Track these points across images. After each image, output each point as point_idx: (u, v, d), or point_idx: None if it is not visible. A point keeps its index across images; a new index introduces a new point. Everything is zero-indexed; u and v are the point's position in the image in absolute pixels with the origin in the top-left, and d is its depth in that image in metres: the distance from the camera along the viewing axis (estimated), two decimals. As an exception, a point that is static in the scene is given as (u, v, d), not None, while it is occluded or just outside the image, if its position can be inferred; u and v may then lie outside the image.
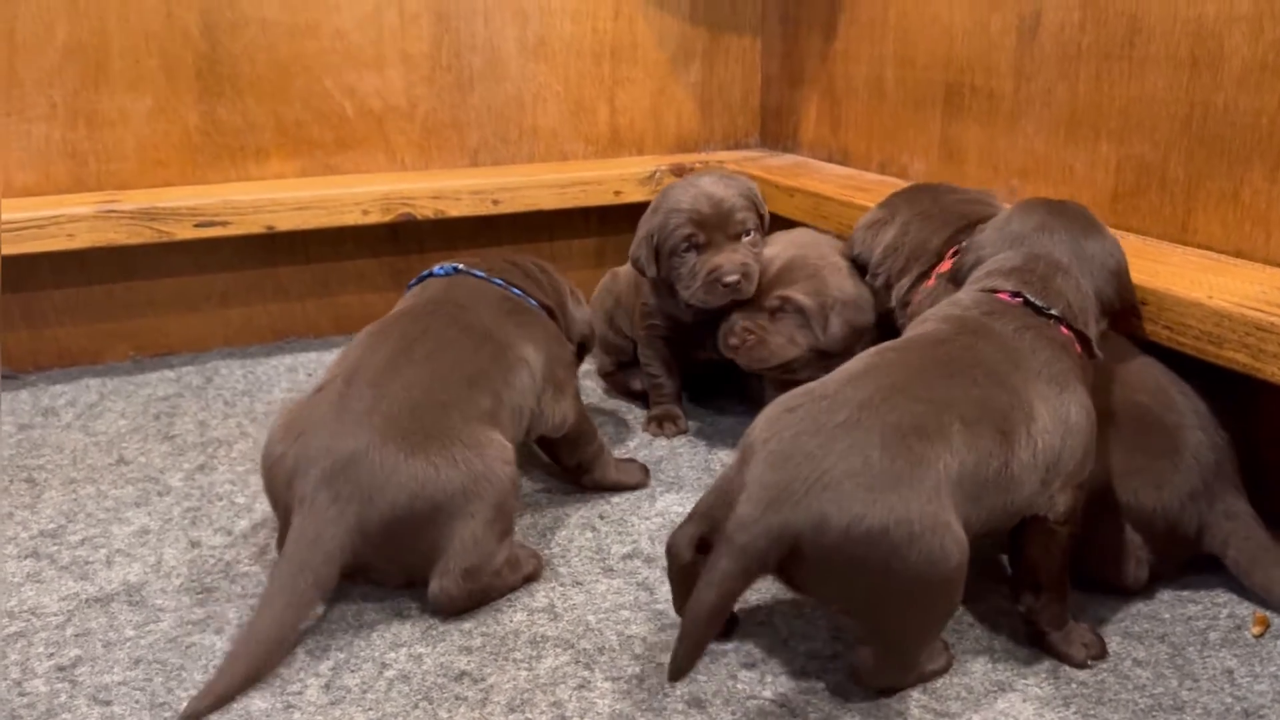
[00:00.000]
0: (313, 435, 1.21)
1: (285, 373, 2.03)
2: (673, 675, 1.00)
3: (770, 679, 1.11)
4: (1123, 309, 1.31)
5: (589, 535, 1.42)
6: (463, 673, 1.13)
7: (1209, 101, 1.45)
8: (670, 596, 1.19)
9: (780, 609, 1.24)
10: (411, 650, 1.17)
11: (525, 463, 1.54)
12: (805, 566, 0.99)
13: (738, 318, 1.60)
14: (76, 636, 1.20)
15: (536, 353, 1.40)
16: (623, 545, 1.39)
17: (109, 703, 1.08)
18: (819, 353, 1.57)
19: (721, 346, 1.61)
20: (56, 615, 1.24)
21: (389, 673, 1.13)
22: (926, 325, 1.18)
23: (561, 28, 2.26)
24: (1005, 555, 1.27)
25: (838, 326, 1.56)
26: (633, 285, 1.81)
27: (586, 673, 1.13)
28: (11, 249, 1.81)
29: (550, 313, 1.52)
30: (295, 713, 1.06)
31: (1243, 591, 1.25)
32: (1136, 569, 1.23)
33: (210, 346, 2.16)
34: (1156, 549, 1.24)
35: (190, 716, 1.05)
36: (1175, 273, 1.39)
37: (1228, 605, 1.24)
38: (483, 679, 1.12)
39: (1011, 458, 1.04)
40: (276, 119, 2.10)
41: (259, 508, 1.49)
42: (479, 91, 2.23)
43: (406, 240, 2.24)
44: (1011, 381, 1.08)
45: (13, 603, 1.27)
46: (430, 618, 1.23)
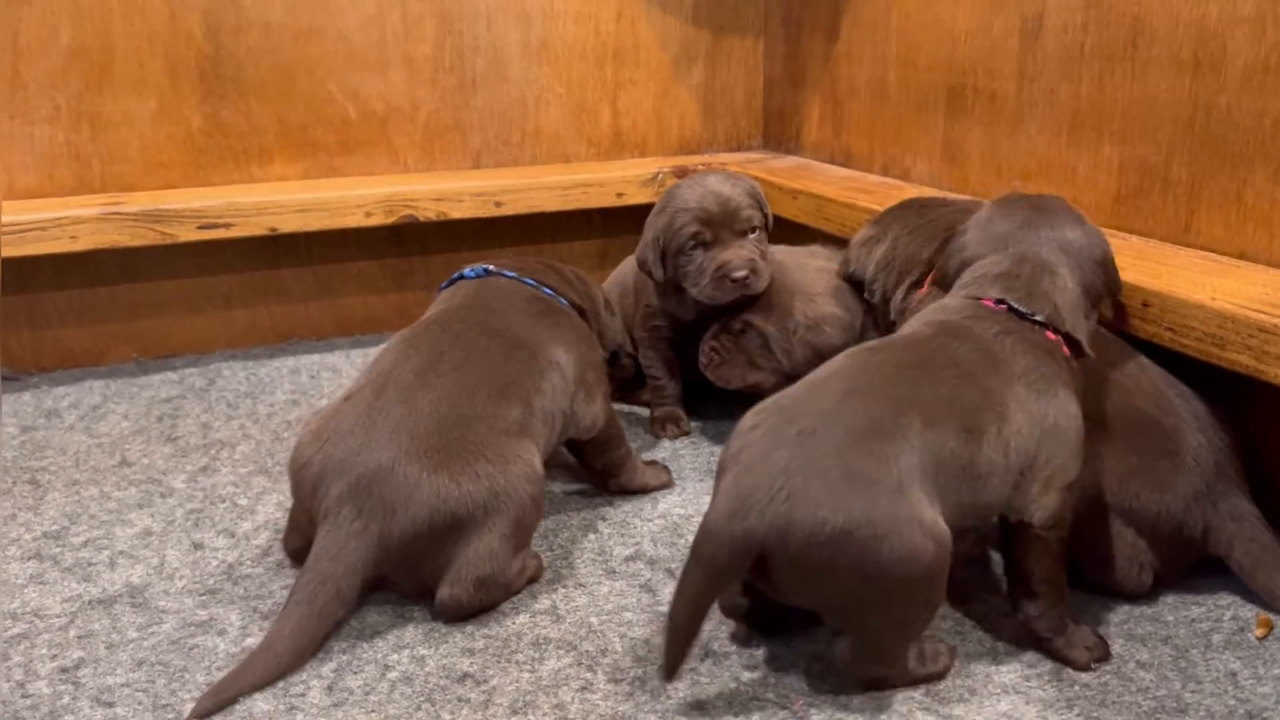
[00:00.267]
0: (340, 446, 1.21)
1: (288, 374, 2.03)
2: (663, 676, 1.06)
3: (773, 681, 1.11)
4: (1112, 299, 1.30)
5: (591, 537, 1.42)
6: (465, 674, 1.13)
7: (1212, 103, 1.45)
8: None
9: (783, 611, 1.24)
10: (414, 652, 1.17)
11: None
12: (775, 572, 1.01)
13: (709, 337, 1.65)
14: (79, 638, 1.20)
15: (568, 354, 1.40)
16: (625, 547, 1.39)
17: (112, 704, 1.09)
18: (786, 375, 1.60)
19: (699, 362, 1.66)
20: (59, 617, 1.24)
21: (392, 674, 1.13)
22: (908, 327, 1.20)
23: (564, 30, 2.26)
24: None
25: (800, 351, 1.60)
26: (633, 290, 1.82)
27: (589, 675, 1.13)
28: (15, 251, 1.82)
29: (582, 314, 1.52)
30: (298, 714, 1.06)
31: (1246, 594, 1.25)
32: (1140, 574, 1.23)
33: (213, 348, 2.16)
34: (1161, 552, 1.23)
35: (199, 714, 1.05)
36: (1178, 274, 1.39)
37: (1231, 607, 1.24)
38: (485, 681, 1.12)
39: (978, 455, 1.05)
40: (280, 121, 2.10)
41: (261, 510, 1.49)
42: (482, 94, 2.23)
43: (409, 242, 2.24)
44: (985, 382, 1.09)
45: (15, 604, 1.27)
46: (433, 620, 1.23)
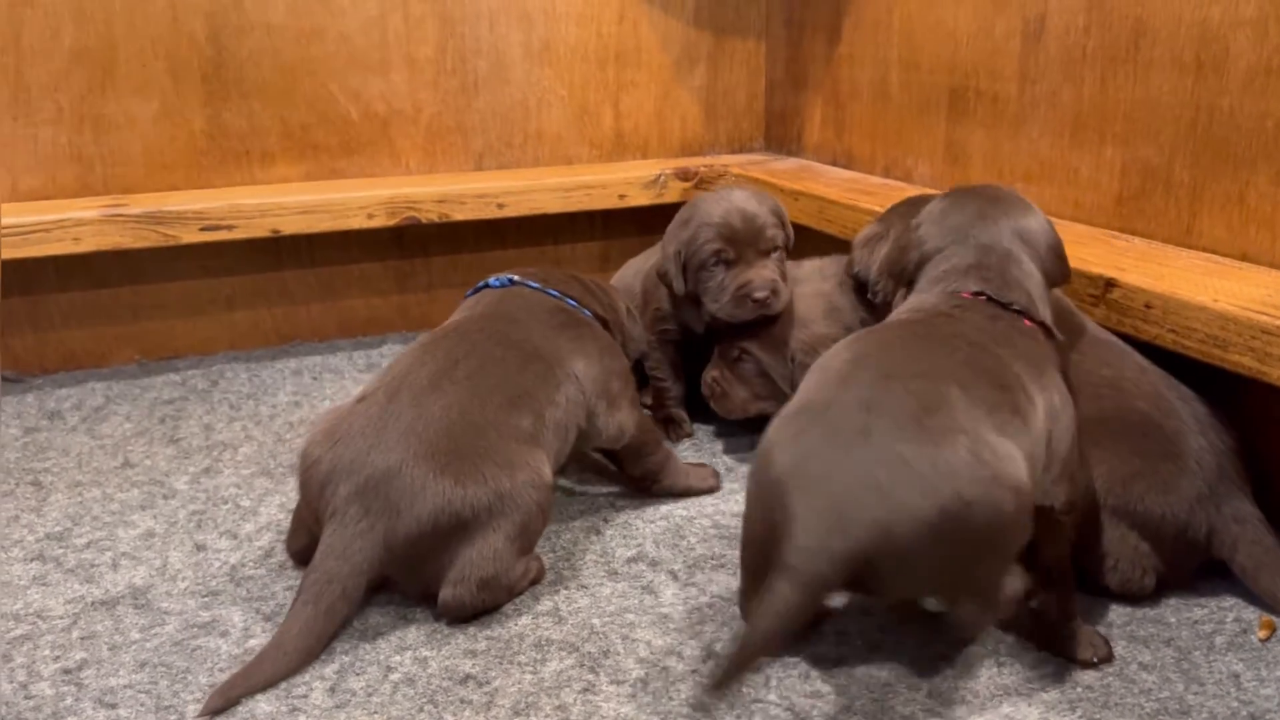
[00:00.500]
0: (350, 447, 1.22)
1: (290, 376, 2.04)
2: (711, 689, 0.99)
3: (775, 683, 1.11)
4: (1063, 283, 1.30)
5: (594, 539, 1.42)
6: (467, 676, 1.13)
7: (1214, 105, 1.45)
8: (674, 600, 1.18)
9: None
10: (417, 653, 1.17)
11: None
12: (881, 574, 0.98)
13: (710, 367, 1.65)
14: (82, 639, 1.20)
15: (588, 366, 1.40)
16: (628, 549, 1.39)
17: (115, 706, 1.09)
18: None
19: (701, 393, 1.66)
20: (62, 618, 1.24)
21: (394, 676, 1.13)
22: (899, 317, 1.20)
23: (566, 32, 2.26)
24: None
25: (801, 377, 1.58)
26: (639, 294, 1.81)
27: (591, 676, 1.13)
28: (18, 253, 1.82)
29: (605, 325, 1.53)
30: (301, 715, 1.06)
31: (1249, 596, 1.25)
32: (1143, 577, 1.22)
33: (216, 350, 2.16)
34: (1165, 555, 1.23)
35: (209, 711, 1.06)
36: (1180, 276, 1.39)
37: (1234, 609, 1.24)
38: (487, 682, 1.12)
39: (1018, 406, 1.05)
40: (282, 123, 2.11)
41: (264, 511, 1.49)
42: (484, 96, 2.24)
43: (411, 244, 2.24)
44: (996, 352, 1.09)
45: (18, 605, 1.27)
46: (435, 621, 1.23)
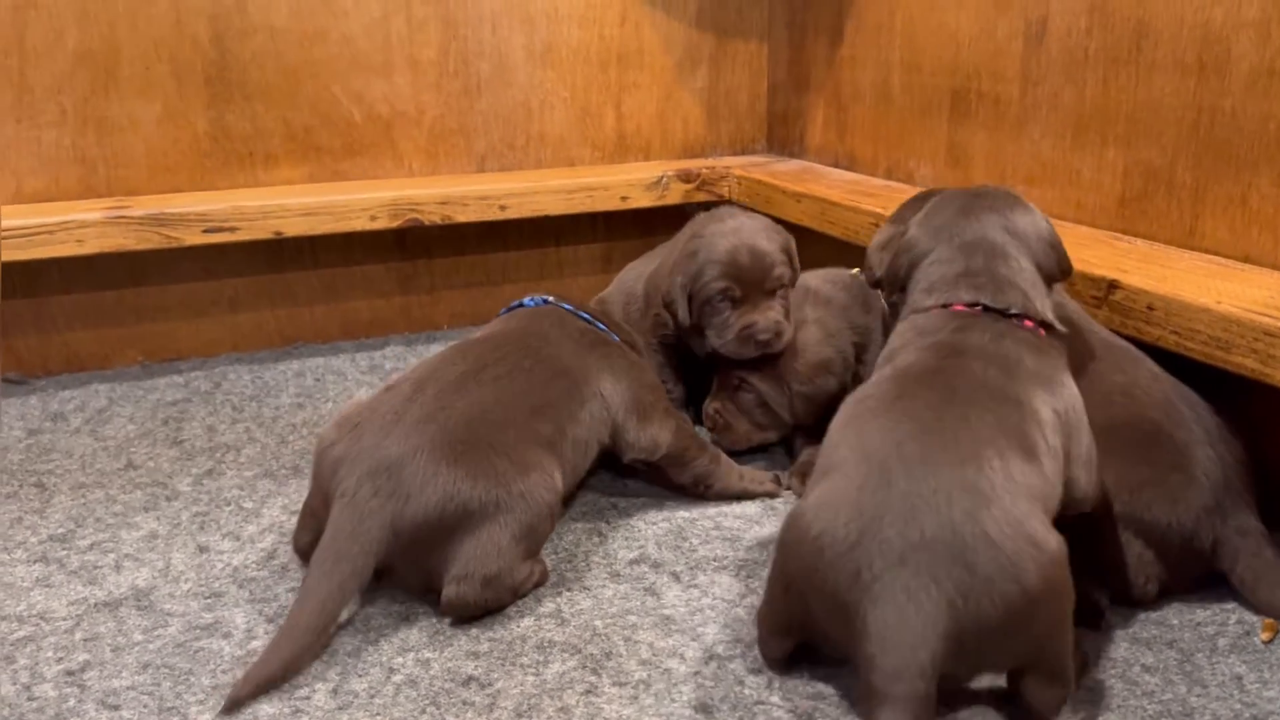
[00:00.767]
0: (367, 432, 1.24)
1: (293, 378, 2.04)
2: None
3: (777, 684, 1.11)
4: (1063, 279, 1.29)
5: (596, 540, 1.42)
6: (470, 678, 1.13)
7: (1216, 106, 1.45)
8: (676, 601, 1.18)
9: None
10: (419, 655, 1.17)
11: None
12: (969, 657, 0.96)
13: (710, 399, 1.65)
14: (85, 641, 1.20)
15: (616, 383, 1.42)
16: (630, 550, 1.39)
17: (117, 707, 1.09)
18: (792, 426, 1.62)
19: (704, 424, 1.67)
20: (65, 620, 1.25)
21: (396, 678, 1.13)
22: (909, 355, 1.16)
23: (568, 34, 2.27)
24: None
25: (800, 405, 1.59)
26: (641, 297, 1.81)
27: (593, 678, 1.13)
28: (21, 254, 1.82)
29: (633, 349, 1.55)
30: (303, 717, 1.07)
31: (1251, 599, 1.25)
32: (1146, 584, 1.22)
33: (218, 352, 2.16)
34: (1170, 565, 1.22)
35: (235, 703, 1.06)
36: (1183, 278, 1.39)
37: (1236, 611, 1.24)
38: (490, 684, 1.12)
39: (1042, 468, 1.04)
40: (285, 125, 2.11)
41: (267, 513, 1.50)
42: (486, 98, 2.24)
43: (414, 246, 2.25)
44: (1014, 393, 1.08)
45: (22, 607, 1.27)
46: (437, 623, 1.23)
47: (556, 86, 2.29)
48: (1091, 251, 1.52)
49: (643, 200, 2.24)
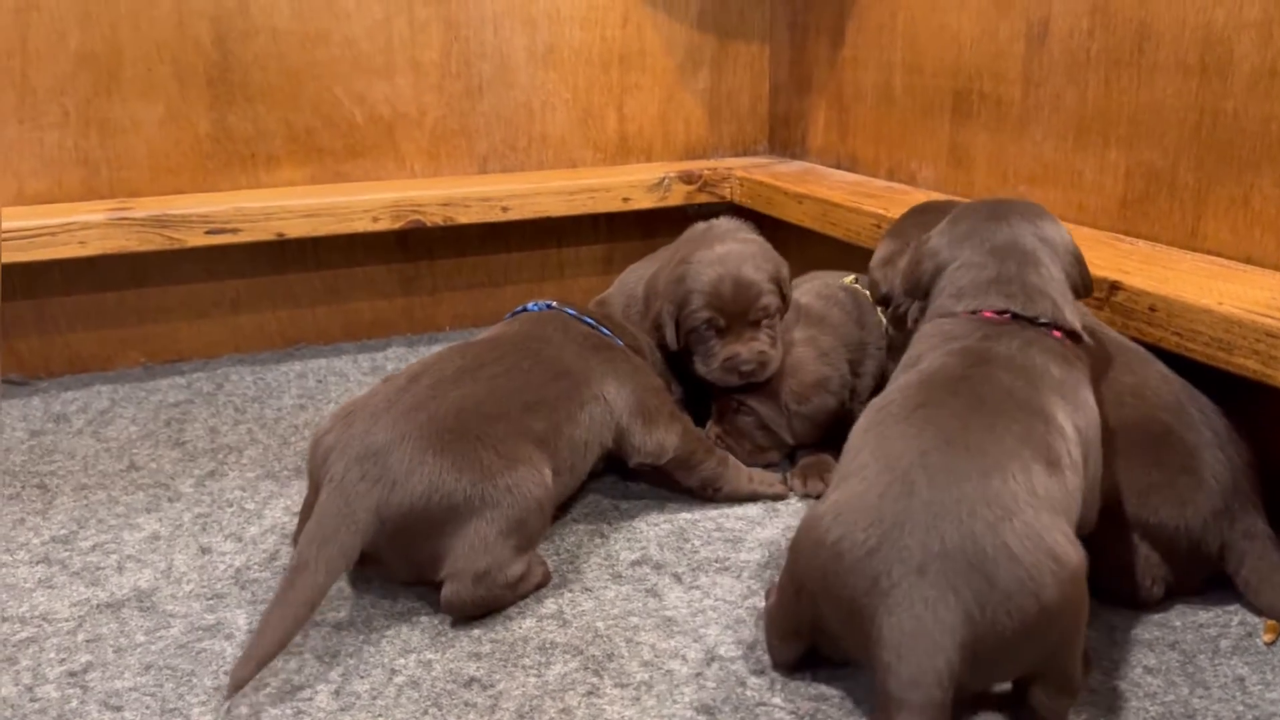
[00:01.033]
0: (358, 420, 1.26)
1: (295, 379, 2.04)
2: None
3: (779, 685, 1.11)
4: (1085, 295, 1.28)
5: (597, 541, 1.42)
6: (472, 679, 1.13)
7: (1218, 108, 1.45)
8: (678, 602, 1.18)
9: (789, 616, 1.24)
10: (421, 656, 1.17)
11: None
12: (983, 667, 0.96)
13: (711, 422, 1.63)
14: (87, 642, 1.20)
15: (620, 387, 1.42)
16: (631, 552, 1.39)
17: (120, 708, 1.09)
18: (793, 445, 1.61)
19: None
20: (68, 621, 1.25)
21: (398, 679, 1.13)
22: (935, 360, 1.15)
23: (570, 35, 2.27)
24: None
25: (799, 424, 1.59)
26: (641, 299, 1.81)
27: (595, 679, 1.13)
28: (24, 256, 1.82)
29: (638, 353, 1.55)
30: (305, 718, 1.07)
31: (1253, 600, 1.25)
32: (1152, 586, 1.22)
33: (221, 353, 2.16)
34: (1177, 567, 1.22)
35: (238, 685, 1.07)
36: (1185, 279, 1.39)
37: (1239, 613, 1.24)
38: (491, 685, 1.12)
39: (1065, 483, 1.03)
40: (287, 126, 2.11)
41: (269, 514, 1.50)
42: (488, 99, 2.24)
43: (416, 247, 2.25)
44: (1038, 404, 1.07)
45: (24, 608, 1.27)
46: (439, 624, 1.23)
47: (558, 88, 2.29)
48: (1093, 253, 1.51)
49: (644, 201, 2.24)
